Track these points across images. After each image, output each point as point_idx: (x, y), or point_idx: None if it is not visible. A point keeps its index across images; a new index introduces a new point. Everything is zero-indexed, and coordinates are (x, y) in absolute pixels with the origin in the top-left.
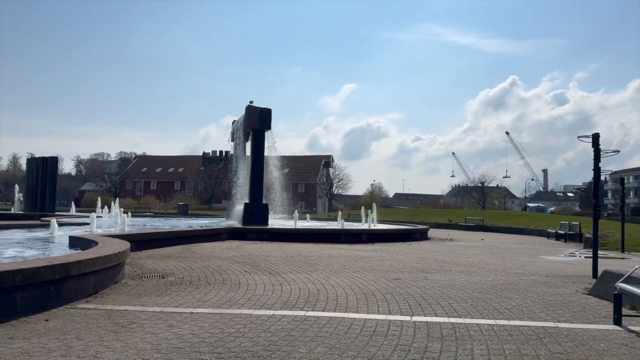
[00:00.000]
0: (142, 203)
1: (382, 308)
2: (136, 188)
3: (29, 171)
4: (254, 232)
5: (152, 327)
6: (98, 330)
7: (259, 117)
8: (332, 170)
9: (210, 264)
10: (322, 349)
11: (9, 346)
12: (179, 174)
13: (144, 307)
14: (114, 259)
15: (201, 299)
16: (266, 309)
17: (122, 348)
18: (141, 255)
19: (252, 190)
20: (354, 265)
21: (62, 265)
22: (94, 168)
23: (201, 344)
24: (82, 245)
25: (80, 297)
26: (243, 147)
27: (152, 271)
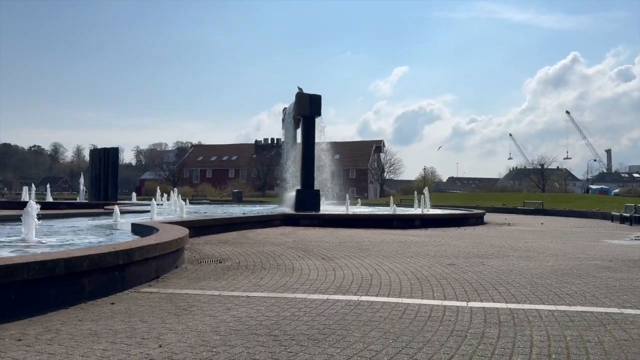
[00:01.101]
0: (198, 191)
1: (437, 293)
2: (193, 176)
3: (92, 162)
4: (306, 218)
5: (211, 310)
6: (160, 313)
7: (308, 103)
8: (383, 155)
9: (264, 250)
10: (377, 333)
11: (79, 328)
12: (232, 162)
13: (203, 291)
14: (174, 244)
15: (257, 283)
16: (320, 294)
17: (184, 330)
18: (199, 241)
19: (304, 177)
20: (407, 251)
21: (125, 251)
22: (153, 158)
23: (258, 326)
24: (143, 231)
25: (143, 281)
26: (294, 134)
27: (210, 256)
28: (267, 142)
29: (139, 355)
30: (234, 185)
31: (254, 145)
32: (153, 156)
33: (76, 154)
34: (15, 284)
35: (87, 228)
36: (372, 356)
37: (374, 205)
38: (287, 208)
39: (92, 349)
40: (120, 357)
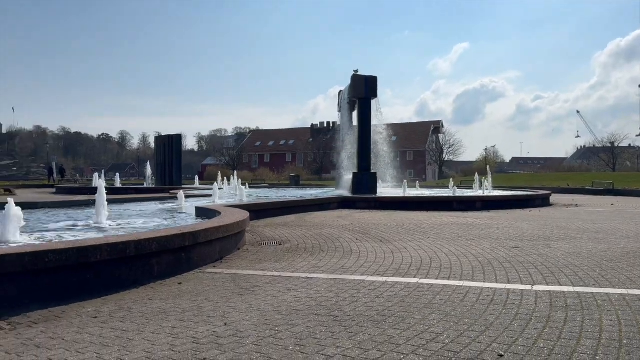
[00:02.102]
0: (257, 175)
1: (500, 277)
2: (252, 161)
3: (157, 148)
4: (363, 201)
5: (272, 291)
6: (225, 292)
7: (364, 85)
8: (442, 136)
9: (322, 232)
10: (437, 315)
11: (149, 306)
12: (289, 146)
13: (264, 272)
14: (236, 227)
15: (316, 265)
16: (378, 276)
17: (247, 309)
18: (259, 223)
19: (360, 160)
20: (468, 233)
21: (191, 234)
22: (214, 143)
23: (318, 307)
24: (207, 215)
25: (208, 262)
26: (349, 117)
27: (270, 239)
28: (323, 126)
29: (205, 332)
30: (291, 169)
31: (310, 129)
32: (214, 142)
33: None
34: (90, 265)
35: (154, 212)
36: (432, 338)
37: (433, 188)
38: (344, 191)
39: (161, 326)
40: (188, 334)
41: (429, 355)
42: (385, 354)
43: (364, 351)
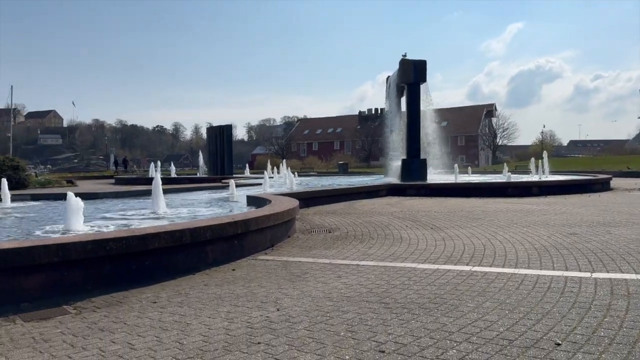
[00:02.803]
0: (306, 163)
1: (557, 264)
2: (300, 149)
3: (209, 139)
4: (413, 187)
5: (323, 277)
6: (277, 279)
7: (413, 70)
8: (496, 120)
9: (372, 220)
10: (491, 304)
11: (205, 292)
12: (337, 134)
13: (314, 259)
14: (286, 215)
15: (365, 252)
16: (430, 264)
17: (298, 295)
18: (309, 211)
19: (409, 146)
20: (524, 220)
21: (243, 222)
22: (263, 133)
23: (369, 294)
24: (257, 203)
25: (259, 249)
26: (398, 103)
27: (319, 226)
28: (371, 113)
29: (259, 317)
30: (339, 157)
31: (358, 116)
32: (263, 131)
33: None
34: (149, 252)
35: (207, 201)
36: (487, 326)
37: (486, 173)
38: (393, 178)
39: (217, 311)
40: (242, 319)
41: (483, 343)
42: (438, 341)
43: (416, 338)
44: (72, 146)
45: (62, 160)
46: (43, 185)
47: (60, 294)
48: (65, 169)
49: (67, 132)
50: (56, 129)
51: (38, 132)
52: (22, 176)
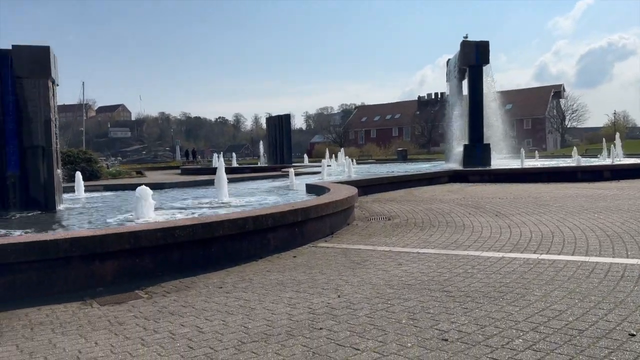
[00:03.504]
0: (364, 151)
1: (631, 251)
2: (358, 137)
3: (269, 129)
4: (476, 173)
5: (383, 265)
6: (337, 266)
7: (474, 51)
8: (564, 101)
9: (432, 207)
10: (560, 292)
11: (268, 278)
12: (396, 121)
13: (374, 247)
14: (345, 203)
15: (426, 240)
16: (494, 251)
17: (359, 283)
18: (367, 199)
19: (472, 131)
20: (595, 206)
21: (303, 210)
22: (320, 121)
23: (430, 282)
24: (317, 191)
25: (319, 237)
26: (459, 86)
27: (379, 214)
28: (431, 98)
29: (320, 303)
30: (398, 143)
31: (417, 101)
32: (321, 120)
33: (254, 122)
34: (214, 239)
35: (268, 189)
36: (555, 316)
37: (554, 157)
38: (454, 164)
39: (280, 297)
40: (304, 304)
41: (551, 333)
42: (503, 330)
43: (481, 327)
44: (140, 138)
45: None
46: (114, 176)
47: (133, 280)
48: (134, 160)
49: (135, 125)
50: (125, 122)
51: (108, 126)
52: (94, 168)
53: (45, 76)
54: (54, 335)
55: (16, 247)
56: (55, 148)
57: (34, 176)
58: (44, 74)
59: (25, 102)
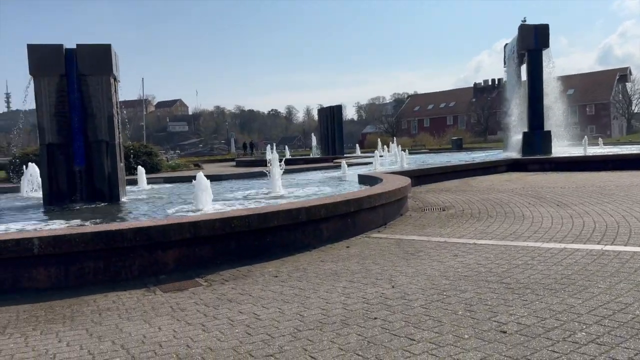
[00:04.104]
0: (417, 140)
1: None
2: (411, 126)
3: (320, 120)
4: (536, 162)
5: (438, 256)
6: (390, 256)
7: (533, 35)
8: (631, 85)
9: (489, 197)
10: (626, 285)
11: (321, 267)
12: (450, 109)
13: (428, 237)
14: (398, 193)
15: (483, 230)
16: (555, 242)
17: (413, 273)
18: (421, 189)
19: (531, 118)
20: None
21: (355, 200)
22: (372, 111)
23: (488, 273)
24: (369, 182)
25: (372, 227)
26: (517, 72)
27: (433, 204)
28: (487, 84)
29: (374, 293)
30: (453, 132)
31: (472, 88)
32: (372, 110)
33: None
34: (269, 230)
35: (320, 180)
36: (620, 309)
37: (619, 144)
38: (513, 152)
39: (334, 286)
40: (358, 294)
41: (616, 327)
42: (565, 323)
43: (541, 320)
44: (197, 132)
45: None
46: (173, 169)
47: (192, 268)
48: (191, 153)
49: (192, 119)
50: (183, 116)
51: (167, 120)
52: (155, 161)
53: (107, 73)
54: (120, 320)
55: (84, 237)
56: (118, 142)
57: (99, 169)
58: (106, 72)
59: (89, 98)
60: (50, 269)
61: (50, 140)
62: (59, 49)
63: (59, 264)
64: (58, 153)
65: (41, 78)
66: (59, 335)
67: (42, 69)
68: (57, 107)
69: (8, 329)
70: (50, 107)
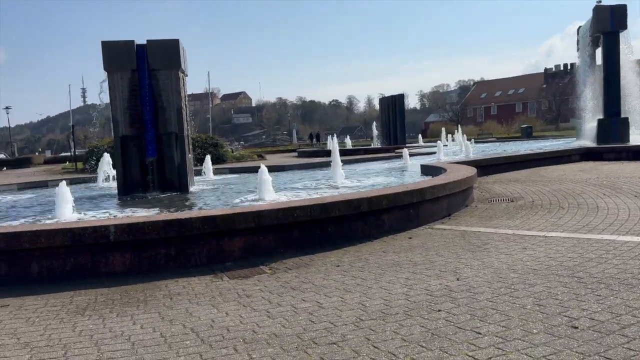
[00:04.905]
0: (483, 129)
1: None
2: (477, 114)
3: (382, 110)
4: (612, 151)
5: (505, 249)
6: (455, 248)
7: (610, 16)
8: None
9: (561, 187)
10: None
11: (383, 258)
12: (519, 96)
13: (495, 229)
14: (463, 183)
15: (554, 222)
16: (633, 235)
17: (479, 266)
18: (487, 180)
19: (607, 104)
20: None
21: (418, 191)
22: (436, 100)
23: (559, 267)
24: (432, 172)
25: (436, 218)
26: (592, 55)
27: (500, 195)
28: (559, 69)
29: (438, 286)
30: (522, 120)
31: (543, 74)
32: (436, 98)
33: (367, 103)
34: (330, 220)
35: (382, 170)
36: None
37: None
38: (586, 141)
39: (396, 277)
40: (421, 286)
41: None
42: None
43: (615, 316)
44: (260, 123)
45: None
46: (238, 159)
47: (257, 256)
48: (255, 144)
49: (256, 111)
50: (246, 108)
51: (231, 112)
52: (220, 152)
53: (176, 67)
54: (190, 304)
55: (157, 224)
56: (186, 134)
57: (169, 160)
58: (175, 66)
59: (159, 92)
60: (125, 254)
61: (123, 132)
62: (130, 45)
63: (133, 250)
64: (131, 145)
65: (115, 73)
66: (133, 317)
67: (115, 65)
68: (130, 101)
69: (87, 311)
70: (123, 101)
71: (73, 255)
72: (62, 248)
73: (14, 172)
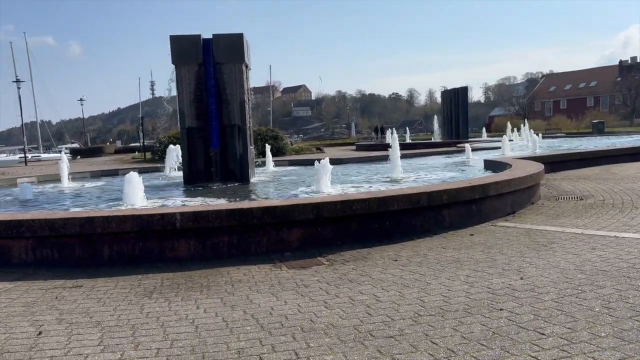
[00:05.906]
0: (551, 124)
1: None
2: (545, 108)
3: (444, 103)
4: None
5: (573, 248)
6: (519, 247)
7: None
8: None
9: (634, 186)
10: None
11: (443, 254)
12: (591, 89)
13: (562, 228)
14: (529, 180)
15: (626, 223)
16: None
17: (544, 265)
18: (555, 176)
19: None
20: None
21: (480, 186)
22: (502, 93)
23: (630, 269)
24: (496, 167)
25: (499, 215)
26: None
27: (569, 193)
28: (636, 62)
29: (500, 284)
30: (594, 115)
31: (618, 66)
32: (501, 91)
33: (429, 97)
34: (388, 214)
35: (442, 165)
36: None
37: None
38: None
39: (456, 274)
40: (483, 283)
41: None
42: None
43: None
44: (319, 117)
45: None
46: (297, 152)
47: (315, 247)
48: (314, 137)
49: (315, 104)
50: (306, 101)
51: (292, 106)
52: (280, 145)
53: (240, 61)
54: (250, 292)
55: (220, 213)
56: (248, 127)
57: (232, 152)
58: (239, 59)
59: (223, 85)
60: (190, 241)
61: (189, 124)
62: (197, 40)
63: (197, 237)
64: (196, 136)
65: (182, 67)
66: (197, 302)
67: (182, 59)
68: (196, 93)
69: (154, 294)
70: (189, 93)
71: (141, 240)
72: (132, 233)
73: (87, 160)
